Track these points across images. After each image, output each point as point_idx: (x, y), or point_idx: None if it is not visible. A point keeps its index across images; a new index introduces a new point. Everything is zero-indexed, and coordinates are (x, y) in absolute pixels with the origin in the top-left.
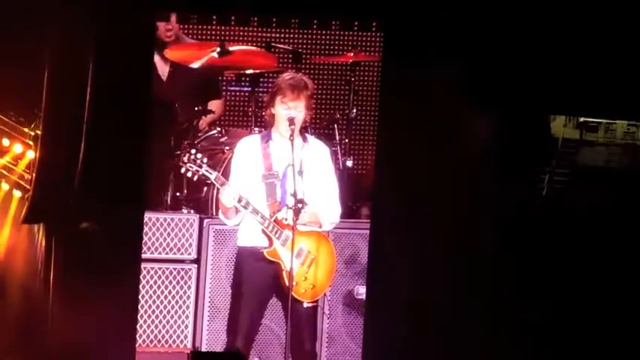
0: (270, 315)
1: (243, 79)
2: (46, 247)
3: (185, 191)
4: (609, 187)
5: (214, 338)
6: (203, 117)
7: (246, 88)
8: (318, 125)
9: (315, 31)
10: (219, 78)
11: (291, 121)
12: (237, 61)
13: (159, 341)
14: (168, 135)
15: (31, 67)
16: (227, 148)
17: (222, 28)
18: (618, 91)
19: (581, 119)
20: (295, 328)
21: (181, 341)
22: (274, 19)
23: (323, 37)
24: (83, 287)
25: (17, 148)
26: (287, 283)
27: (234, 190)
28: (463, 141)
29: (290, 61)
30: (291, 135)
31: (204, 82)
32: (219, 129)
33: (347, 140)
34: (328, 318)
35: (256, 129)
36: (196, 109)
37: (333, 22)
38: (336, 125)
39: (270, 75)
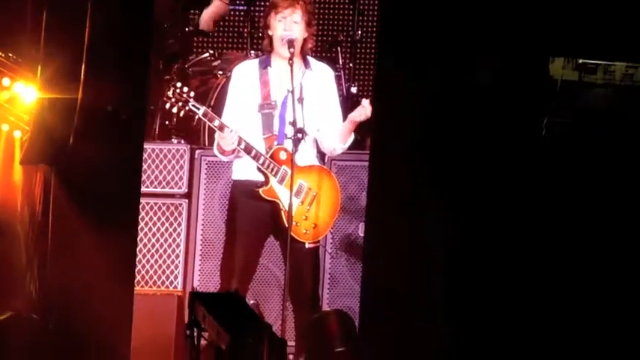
0: (267, 254)
1: None
2: (44, 186)
3: (175, 119)
4: (609, 129)
5: (207, 279)
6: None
7: (241, 7)
8: (319, 48)
9: None
10: None
11: (290, 43)
12: None
13: (146, 282)
14: (157, 58)
15: (31, 6)
16: (220, 72)
17: None
18: (617, 33)
19: (580, 61)
20: (295, 271)
21: (171, 282)
22: None
23: None
24: (81, 226)
25: (17, 87)
26: (286, 225)
27: (235, 135)
28: (463, 78)
29: None
30: (290, 58)
31: None
32: (211, 52)
33: (351, 65)
34: (331, 258)
35: (252, 52)
36: (187, 29)
37: None
38: (339, 48)
39: None
